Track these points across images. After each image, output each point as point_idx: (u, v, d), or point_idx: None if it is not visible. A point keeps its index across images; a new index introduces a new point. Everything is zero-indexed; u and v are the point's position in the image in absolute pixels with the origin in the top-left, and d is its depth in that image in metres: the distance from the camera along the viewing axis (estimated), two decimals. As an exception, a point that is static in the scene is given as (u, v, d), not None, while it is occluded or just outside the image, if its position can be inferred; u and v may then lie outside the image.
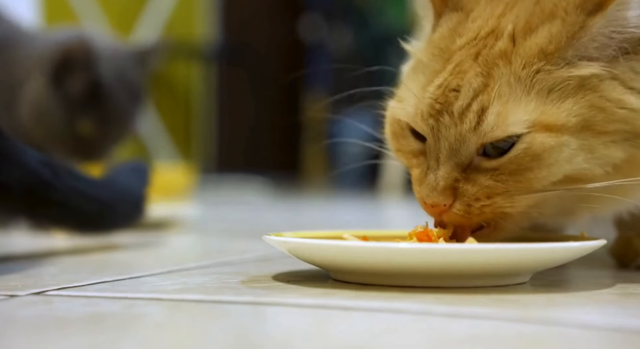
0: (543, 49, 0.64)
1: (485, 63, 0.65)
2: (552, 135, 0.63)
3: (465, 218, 0.66)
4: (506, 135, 0.63)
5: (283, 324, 0.55)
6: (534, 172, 0.64)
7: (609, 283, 0.69)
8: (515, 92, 0.64)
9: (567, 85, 0.64)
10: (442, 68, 0.67)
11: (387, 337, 0.49)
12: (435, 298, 0.60)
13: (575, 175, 0.64)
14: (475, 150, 0.65)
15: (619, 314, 0.57)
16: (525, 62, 0.64)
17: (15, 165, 0.84)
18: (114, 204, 0.99)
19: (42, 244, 1.05)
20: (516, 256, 0.63)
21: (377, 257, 0.63)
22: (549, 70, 0.64)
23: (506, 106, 0.63)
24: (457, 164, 0.65)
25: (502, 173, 0.64)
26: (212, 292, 0.65)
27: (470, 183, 0.65)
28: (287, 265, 0.80)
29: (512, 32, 0.65)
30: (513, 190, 0.65)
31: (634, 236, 0.78)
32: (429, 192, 0.65)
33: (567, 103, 0.64)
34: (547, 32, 0.65)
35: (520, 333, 0.50)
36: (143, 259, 0.92)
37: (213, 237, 1.30)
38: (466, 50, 0.67)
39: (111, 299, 0.62)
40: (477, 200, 0.65)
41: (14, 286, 0.67)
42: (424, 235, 0.68)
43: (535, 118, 0.63)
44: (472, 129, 0.64)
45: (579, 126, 0.63)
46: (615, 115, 0.64)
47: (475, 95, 0.64)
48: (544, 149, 0.63)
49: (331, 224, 1.62)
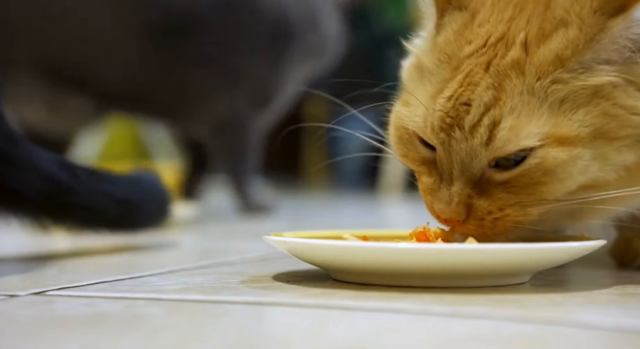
0: (559, 55, 0.63)
1: (497, 74, 0.64)
2: (564, 149, 0.62)
3: (479, 231, 0.65)
4: (518, 150, 0.62)
5: (283, 324, 0.55)
6: (546, 186, 0.63)
7: (609, 283, 0.69)
8: (528, 105, 0.62)
9: (580, 94, 0.62)
10: (451, 77, 0.65)
11: (387, 337, 0.49)
12: (435, 298, 0.60)
13: (589, 184, 0.63)
14: (488, 163, 0.64)
15: (619, 314, 0.57)
16: (539, 73, 0.63)
17: (30, 170, 0.84)
18: (139, 203, 1.00)
19: (42, 244, 1.05)
20: (516, 256, 0.63)
21: (377, 257, 0.63)
22: (565, 79, 0.63)
23: (518, 120, 0.62)
24: (469, 178, 0.64)
25: (514, 186, 0.64)
26: (212, 292, 0.65)
27: (482, 198, 0.64)
28: (287, 265, 0.80)
29: (525, 40, 0.64)
30: (525, 201, 0.64)
31: (634, 236, 0.78)
32: (443, 208, 0.65)
33: (580, 113, 0.62)
34: (563, 37, 0.63)
35: (520, 333, 0.50)
36: (143, 259, 0.92)
37: (213, 237, 1.30)
38: (475, 59, 0.65)
39: (111, 299, 0.62)
40: (489, 213, 0.64)
41: (14, 286, 0.67)
42: (423, 235, 0.68)
43: (547, 131, 0.62)
44: (483, 144, 0.63)
45: (591, 136, 0.62)
46: (629, 121, 0.63)
47: (487, 109, 0.63)
48: (557, 164, 0.62)
49: (331, 224, 1.62)
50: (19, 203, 0.85)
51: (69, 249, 1.01)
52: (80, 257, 0.93)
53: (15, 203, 0.85)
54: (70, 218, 0.92)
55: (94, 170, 0.95)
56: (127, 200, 0.97)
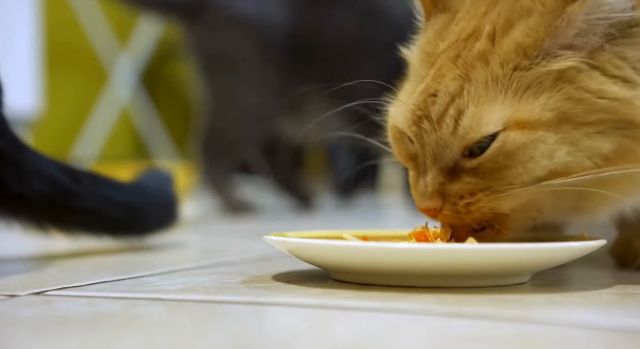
0: (520, 43, 0.64)
1: (464, 65, 0.65)
2: (525, 132, 0.63)
3: (456, 217, 0.66)
4: (481, 136, 0.63)
5: (283, 324, 0.55)
6: (510, 170, 0.64)
7: (609, 283, 0.69)
8: (491, 93, 0.64)
9: (544, 79, 0.63)
10: (427, 73, 0.68)
11: (387, 337, 0.49)
12: (435, 298, 0.60)
13: (560, 170, 0.64)
14: (459, 152, 0.65)
15: (619, 314, 0.57)
16: (502, 61, 0.64)
17: (33, 175, 0.84)
18: (145, 207, 1.00)
19: (42, 245, 1.05)
20: (516, 256, 0.63)
21: (377, 257, 0.63)
22: (527, 66, 0.64)
23: (481, 108, 0.63)
24: (442, 168, 0.66)
25: (482, 171, 0.65)
26: (212, 292, 0.65)
27: (453, 183, 0.65)
28: (287, 265, 0.80)
29: (492, 32, 0.65)
30: (494, 186, 0.65)
31: (634, 236, 0.78)
32: (419, 198, 0.67)
33: (542, 98, 0.63)
34: (525, 25, 0.64)
35: (520, 333, 0.50)
36: (143, 259, 0.92)
37: (213, 237, 1.30)
38: (447, 53, 0.67)
39: (111, 299, 0.62)
40: (461, 197, 0.65)
41: (14, 286, 0.67)
42: (422, 236, 0.68)
43: (509, 117, 0.63)
44: (450, 133, 0.64)
45: (556, 120, 0.63)
46: (596, 105, 0.63)
47: (452, 99, 0.64)
48: (517, 146, 0.63)
49: (331, 224, 1.62)
50: (23, 206, 0.85)
51: (69, 249, 1.01)
52: (80, 257, 0.93)
53: (19, 206, 0.85)
54: (74, 223, 0.92)
55: (96, 175, 0.95)
56: (132, 204, 0.97)
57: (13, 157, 0.82)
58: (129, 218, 0.97)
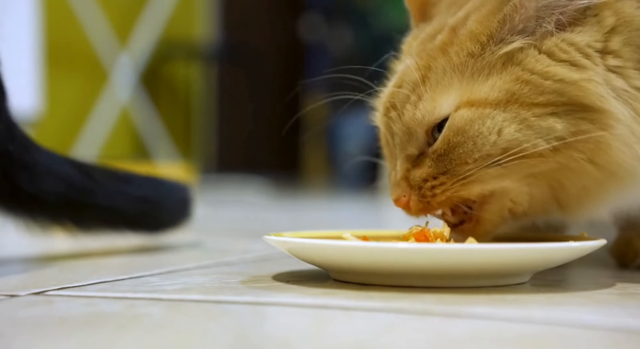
0: (473, 31, 0.67)
1: (427, 57, 0.69)
2: (472, 109, 0.66)
3: (424, 203, 0.68)
4: (435, 118, 0.67)
5: (283, 324, 0.55)
6: (462, 147, 0.66)
7: (609, 283, 0.69)
8: (448, 79, 0.67)
9: (495, 63, 0.66)
10: (399, 69, 0.72)
11: (387, 337, 0.49)
12: (435, 298, 0.60)
13: (513, 148, 0.65)
14: (423, 139, 0.68)
15: (619, 314, 0.57)
16: (458, 49, 0.67)
17: (45, 176, 0.84)
18: (160, 202, 1.00)
19: (42, 245, 1.05)
20: (516, 256, 0.63)
21: (377, 257, 0.63)
22: (479, 52, 0.66)
23: (438, 93, 0.67)
24: (408, 156, 0.69)
25: (440, 154, 0.67)
26: (212, 292, 0.65)
27: (416, 168, 0.69)
28: (287, 265, 0.80)
29: (453, 25, 0.69)
30: (452, 168, 0.67)
31: (634, 236, 0.78)
32: (391, 188, 0.70)
33: (492, 79, 0.66)
34: (478, 15, 0.68)
35: (520, 333, 0.50)
36: (143, 259, 0.92)
37: (213, 237, 1.30)
38: (416, 49, 0.71)
39: (111, 299, 0.62)
40: (424, 181, 0.68)
41: (14, 286, 0.67)
42: (422, 236, 0.68)
43: (461, 99, 0.66)
44: (411, 119, 0.68)
45: (504, 99, 0.65)
46: (543, 86, 0.65)
47: (414, 88, 0.68)
48: (465, 122, 0.65)
49: (331, 224, 1.62)
50: (38, 207, 0.86)
51: (69, 249, 1.01)
52: (80, 257, 0.93)
53: (34, 207, 0.85)
54: (90, 220, 0.92)
55: (111, 171, 0.95)
56: (147, 199, 0.97)
57: (24, 160, 0.82)
58: (144, 212, 0.97)
